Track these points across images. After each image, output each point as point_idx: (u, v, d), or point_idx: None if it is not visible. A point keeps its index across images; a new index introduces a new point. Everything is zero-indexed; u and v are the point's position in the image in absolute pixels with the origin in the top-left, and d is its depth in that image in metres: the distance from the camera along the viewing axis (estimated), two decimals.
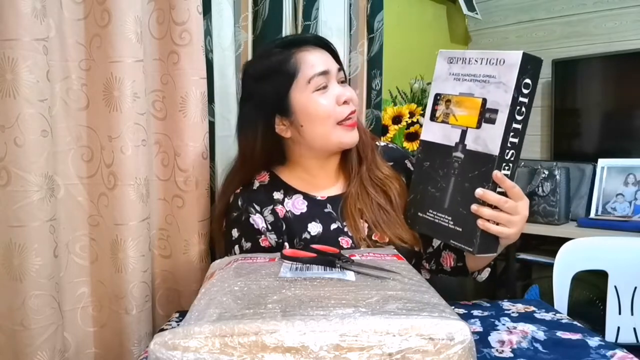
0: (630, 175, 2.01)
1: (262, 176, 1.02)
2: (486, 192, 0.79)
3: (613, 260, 1.32)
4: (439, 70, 0.89)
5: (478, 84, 0.81)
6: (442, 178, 0.87)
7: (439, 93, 0.88)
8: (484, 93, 0.80)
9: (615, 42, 2.21)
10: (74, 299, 1.01)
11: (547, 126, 2.38)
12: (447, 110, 0.86)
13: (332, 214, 0.98)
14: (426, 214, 0.90)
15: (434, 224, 0.89)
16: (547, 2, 2.40)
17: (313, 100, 0.94)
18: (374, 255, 0.78)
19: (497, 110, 0.78)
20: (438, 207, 0.88)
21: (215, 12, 1.17)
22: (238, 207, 0.97)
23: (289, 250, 0.78)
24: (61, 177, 0.98)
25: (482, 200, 0.80)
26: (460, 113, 0.84)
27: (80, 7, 0.98)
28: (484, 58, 0.80)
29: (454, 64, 0.86)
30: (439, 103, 0.88)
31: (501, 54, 0.78)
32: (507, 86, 0.77)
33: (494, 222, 0.81)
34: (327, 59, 0.97)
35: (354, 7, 1.44)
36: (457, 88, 0.85)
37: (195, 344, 0.49)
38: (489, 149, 0.79)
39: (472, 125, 0.82)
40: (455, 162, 0.85)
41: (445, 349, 0.49)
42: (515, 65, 0.76)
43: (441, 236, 0.92)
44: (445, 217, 0.86)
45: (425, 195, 0.90)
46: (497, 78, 0.78)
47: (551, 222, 2.02)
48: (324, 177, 1.02)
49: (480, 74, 0.81)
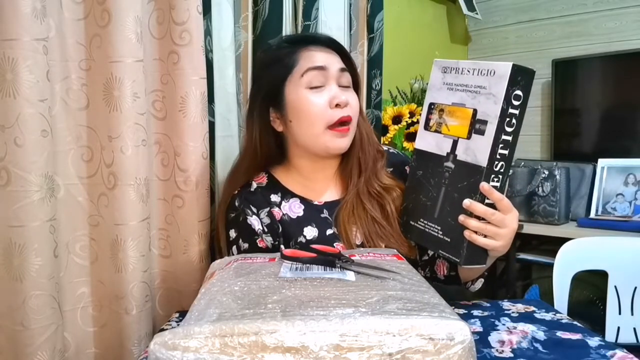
0: (630, 175, 2.01)
1: (260, 178, 1.01)
2: (473, 203, 0.79)
3: (613, 260, 1.32)
4: (433, 79, 0.89)
5: (470, 95, 0.81)
6: (434, 187, 0.87)
7: (433, 102, 0.88)
8: (475, 104, 0.80)
9: (615, 42, 2.21)
10: (74, 299, 1.01)
11: (547, 126, 2.39)
12: (440, 119, 0.86)
13: (328, 220, 0.98)
14: (417, 222, 0.90)
15: (424, 233, 0.89)
16: (547, 2, 2.40)
17: (304, 97, 0.92)
18: (374, 255, 0.78)
19: (486, 122, 0.78)
20: (429, 217, 0.88)
21: (215, 12, 1.17)
22: (235, 208, 0.97)
23: (289, 250, 0.78)
24: (61, 177, 0.98)
25: (469, 212, 0.80)
26: (452, 123, 0.84)
27: (80, 7, 0.98)
28: (476, 69, 0.80)
29: (448, 73, 0.86)
30: (432, 112, 0.88)
31: (492, 65, 0.78)
32: (496, 97, 0.76)
33: (482, 234, 0.80)
34: (330, 58, 0.94)
35: (354, 7, 1.44)
36: (450, 98, 0.85)
37: (195, 344, 0.49)
38: (477, 160, 0.79)
39: (463, 135, 0.82)
40: (446, 171, 0.85)
41: (446, 349, 0.49)
42: (504, 77, 0.75)
43: (431, 245, 0.91)
44: (435, 227, 0.86)
45: (417, 203, 0.90)
46: (488, 89, 0.78)
47: (551, 222, 2.02)
48: (321, 182, 1.01)
49: (472, 85, 0.81)
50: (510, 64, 0.75)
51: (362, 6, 1.46)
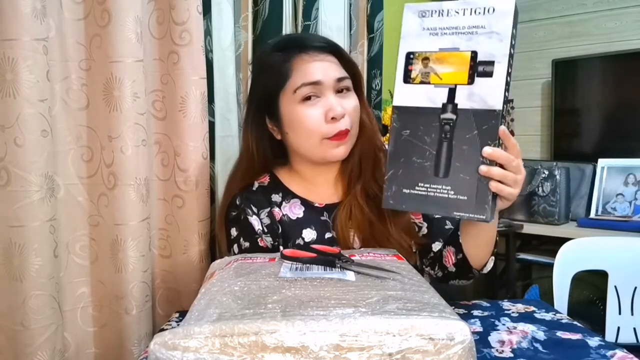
0: (630, 175, 2.01)
1: (262, 178, 1.01)
2: (495, 150, 0.73)
3: (613, 260, 1.32)
4: (408, 26, 0.79)
5: (463, 37, 0.75)
6: (430, 145, 0.78)
7: (412, 51, 0.79)
8: (473, 45, 0.74)
9: (615, 42, 2.22)
10: (74, 299, 1.01)
11: (547, 126, 2.39)
12: (426, 69, 0.78)
13: (327, 223, 0.97)
14: (415, 188, 0.79)
15: (427, 198, 0.78)
16: (547, 2, 2.40)
17: (298, 112, 0.90)
18: (374, 255, 0.78)
19: (492, 62, 0.73)
20: (430, 178, 0.78)
21: (215, 12, 1.17)
22: (236, 207, 0.97)
23: (288, 250, 0.78)
24: (61, 177, 0.98)
25: (488, 161, 0.74)
26: (444, 70, 0.76)
27: (80, 7, 0.98)
28: (468, 8, 0.75)
29: (428, 17, 0.78)
30: (413, 63, 0.79)
31: (488, 1, 0.73)
32: (501, 35, 0.72)
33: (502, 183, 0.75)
34: (326, 68, 0.91)
35: (354, 7, 1.45)
36: (436, 43, 0.77)
37: (195, 344, 0.49)
38: (488, 105, 0.73)
39: (462, 81, 0.75)
40: (445, 124, 0.76)
41: (446, 349, 0.49)
42: (509, 13, 0.72)
43: (439, 210, 0.80)
44: (443, 188, 0.77)
45: (410, 167, 0.79)
46: (488, 27, 0.73)
47: (551, 222, 2.02)
48: (322, 184, 1.00)
49: (465, 26, 0.75)
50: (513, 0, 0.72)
51: (362, 6, 1.46)
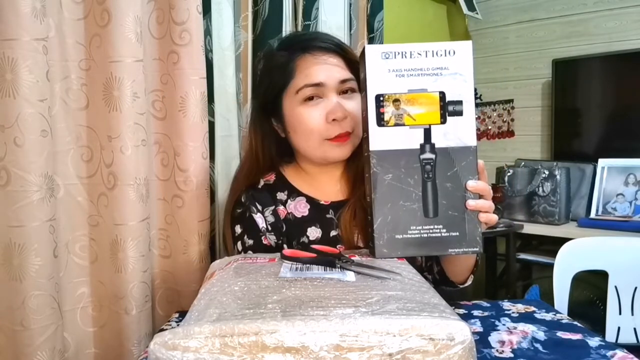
0: (630, 175, 2.01)
1: (268, 176, 1.01)
2: (478, 182, 0.77)
3: (613, 260, 1.32)
4: (373, 68, 0.80)
5: (429, 78, 0.78)
6: (415, 186, 0.79)
7: (382, 94, 0.79)
8: (440, 86, 0.78)
9: (615, 42, 2.22)
10: (74, 299, 1.01)
11: (547, 126, 2.39)
12: (399, 111, 0.79)
13: (333, 220, 0.97)
14: (407, 233, 0.79)
15: (421, 240, 0.80)
16: (547, 2, 2.40)
17: (300, 113, 0.91)
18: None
19: (461, 102, 0.77)
20: (421, 220, 0.79)
21: (215, 12, 1.17)
22: (242, 204, 0.97)
23: (288, 251, 0.78)
24: (61, 177, 0.98)
25: (472, 194, 0.78)
26: (416, 111, 0.78)
27: (80, 7, 0.98)
28: (429, 50, 0.79)
29: (392, 59, 0.80)
30: (384, 105, 0.79)
31: (446, 45, 0.78)
32: (465, 76, 0.77)
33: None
34: (329, 69, 0.91)
35: (354, 7, 1.44)
36: (404, 85, 0.79)
37: (195, 344, 0.49)
38: (464, 142, 0.77)
39: (435, 121, 0.78)
40: (426, 164, 0.78)
41: (446, 349, 0.49)
42: (468, 55, 0.77)
43: (435, 250, 0.83)
44: (435, 227, 0.79)
45: (399, 212, 0.79)
46: (451, 69, 0.77)
47: (551, 222, 2.02)
48: (328, 182, 1.00)
49: (429, 67, 0.78)
50: (470, 42, 0.78)
51: (362, 6, 1.46)
